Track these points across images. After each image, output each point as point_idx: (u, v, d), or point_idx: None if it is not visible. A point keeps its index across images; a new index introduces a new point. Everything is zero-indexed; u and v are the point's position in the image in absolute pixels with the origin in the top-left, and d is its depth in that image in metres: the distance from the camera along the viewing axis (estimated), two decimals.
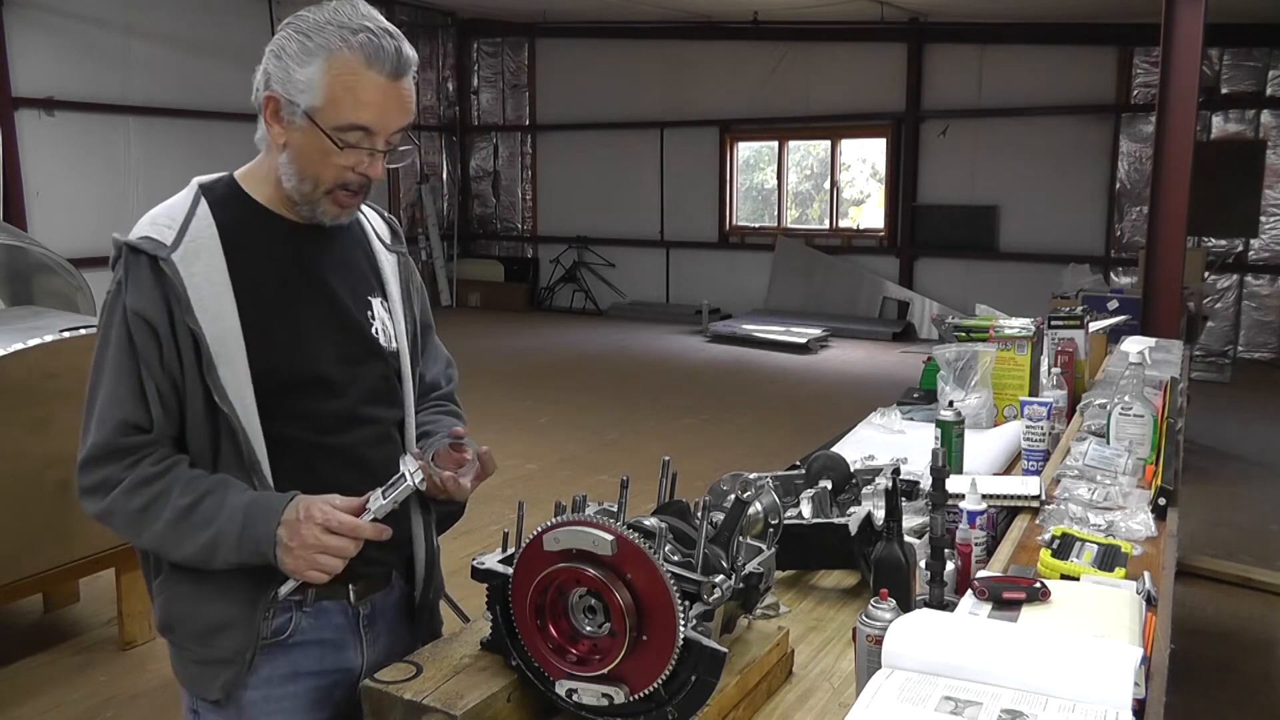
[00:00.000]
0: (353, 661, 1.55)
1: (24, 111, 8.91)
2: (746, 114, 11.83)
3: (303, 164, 1.44)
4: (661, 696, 1.24)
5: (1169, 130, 5.02)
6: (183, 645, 1.49)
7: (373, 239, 1.64)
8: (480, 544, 4.35)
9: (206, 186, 1.50)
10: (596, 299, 12.88)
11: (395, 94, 1.42)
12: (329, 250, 1.55)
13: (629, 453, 6.38)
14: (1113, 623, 1.32)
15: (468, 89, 13.75)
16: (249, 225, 1.48)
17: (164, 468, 1.41)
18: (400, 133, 1.46)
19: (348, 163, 1.43)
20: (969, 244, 10.80)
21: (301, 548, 1.36)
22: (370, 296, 1.59)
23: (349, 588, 1.54)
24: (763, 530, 1.56)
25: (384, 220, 1.70)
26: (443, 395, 1.79)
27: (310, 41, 1.39)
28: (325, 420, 1.50)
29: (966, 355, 2.72)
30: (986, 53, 10.51)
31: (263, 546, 1.38)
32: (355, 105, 1.39)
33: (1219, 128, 9.57)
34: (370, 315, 1.57)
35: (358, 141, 1.42)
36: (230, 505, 1.39)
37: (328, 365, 1.50)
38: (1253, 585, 4.32)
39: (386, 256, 1.65)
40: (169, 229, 1.43)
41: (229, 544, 1.39)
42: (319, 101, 1.39)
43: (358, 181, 1.46)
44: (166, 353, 1.40)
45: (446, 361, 1.83)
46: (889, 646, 1.19)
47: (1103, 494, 2.00)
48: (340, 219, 1.51)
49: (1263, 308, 9.62)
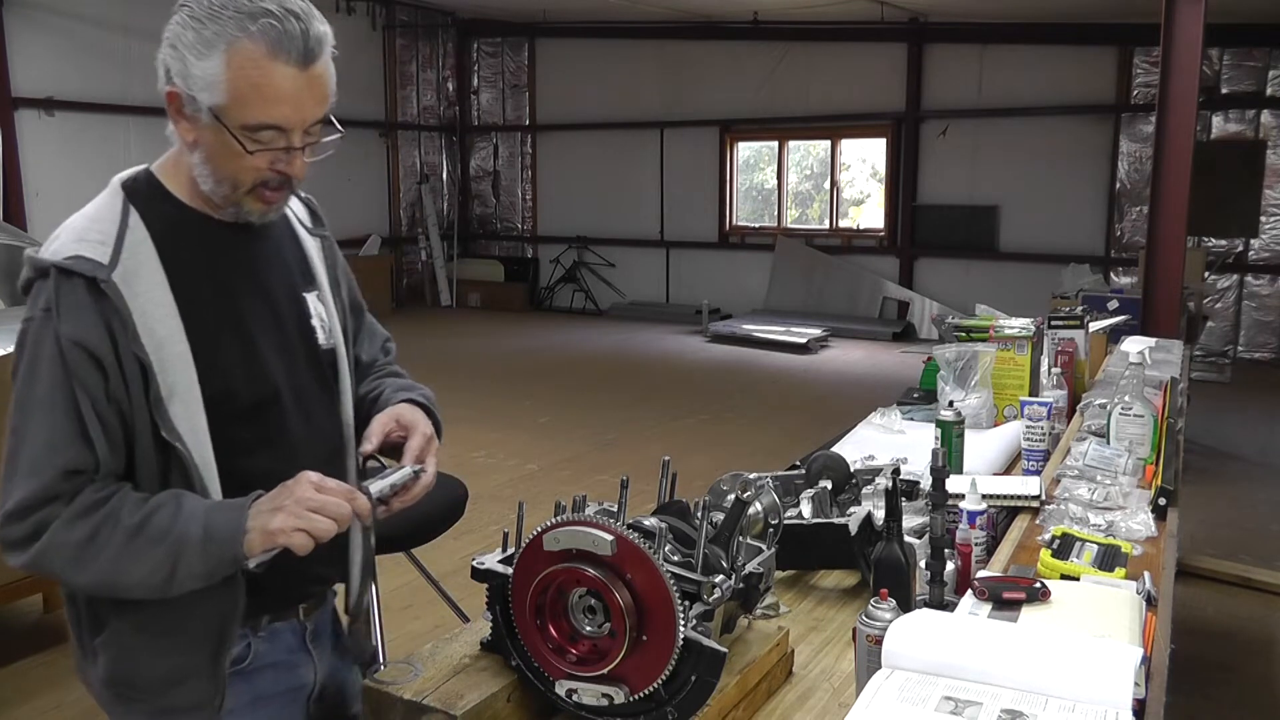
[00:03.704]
0: (306, 679, 1.53)
1: (24, 111, 8.92)
2: (746, 114, 11.83)
3: (216, 165, 1.32)
4: (661, 696, 1.24)
5: (1169, 130, 5.01)
6: (134, 698, 1.38)
7: (295, 226, 1.54)
8: (480, 544, 4.36)
9: (130, 189, 1.36)
10: (596, 299, 12.87)
11: (307, 83, 1.30)
12: (262, 249, 1.45)
13: (629, 453, 6.38)
14: (1113, 623, 1.32)
15: (468, 89, 13.75)
16: (181, 232, 1.36)
17: (109, 493, 1.27)
18: (320, 123, 1.35)
19: (263, 163, 1.31)
20: (969, 244, 10.80)
21: (294, 502, 1.26)
22: (305, 292, 1.50)
23: (300, 607, 1.51)
24: (763, 530, 1.56)
25: (302, 202, 1.58)
26: (384, 364, 1.71)
27: (206, 30, 1.25)
28: (279, 445, 1.41)
29: (966, 355, 2.72)
30: (986, 53, 10.51)
31: (233, 542, 1.26)
32: (263, 103, 1.27)
33: (1219, 128, 9.57)
34: (308, 313, 1.49)
35: (271, 140, 1.30)
36: (189, 509, 1.27)
37: (279, 378, 1.42)
38: (1253, 585, 4.31)
39: (311, 242, 1.55)
40: (102, 245, 1.28)
41: (192, 550, 1.25)
42: (223, 99, 1.26)
43: (278, 180, 1.35)
44: (113, 384, 1.26)
45: (385, 337, 1.75)
46: (889, 646, 1.19)
47: (1103, 494, 2.00)
48: (269, 215, 1.40)
49: (1263, 308, 9.62)
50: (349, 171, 12.09)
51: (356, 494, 1.31)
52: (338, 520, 1.28)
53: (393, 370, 1.69)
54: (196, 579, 1.29)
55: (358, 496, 1.31)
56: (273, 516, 1.26)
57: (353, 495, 1.30)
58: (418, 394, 1.57)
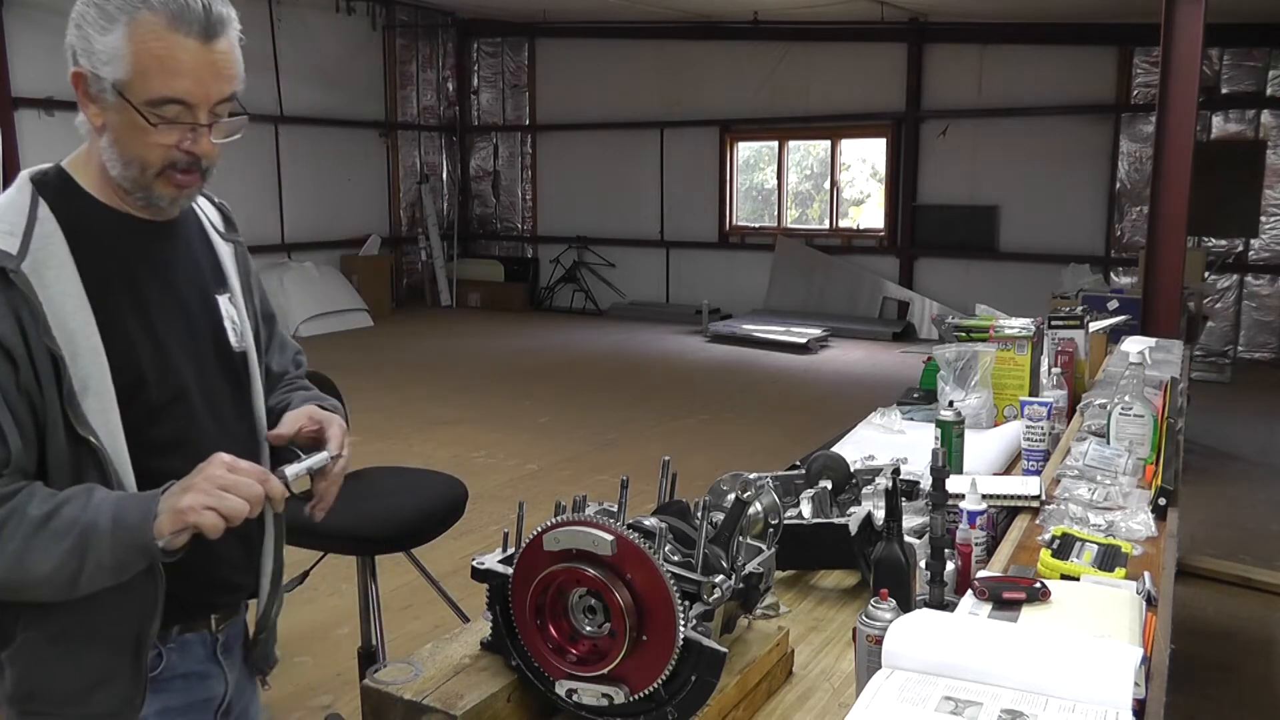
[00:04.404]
0: (216, 691, 1.52)
1: (24, 111, 8.92)
2: (746, 114, 11.83)
3: (123, 146, 1.31)
4: (661, 696, 1.23)
5: (1169, 130, 5.01)
6: (46, 713, 1.34)
7: (208, 229, 1.53)
8: (480, 544, 4.36)
9: (39, 181, 1.37)
10: (596, 299, 12.87)
11: (209, 59, 1.29)
12: (174, 247, 1.45)
13: (629, 453, 6.38)
14: (1113, 623, 1.32)
15: (468, 89, 13.75)
16: (91, 224, 1.35)
17: (16, 488, 1.24)
18: (226, 102, 1.33)
19: (169, 140, 1.30)
20: (969, 244, 10.80)
21: (205, 480, 1.24)
22: (217, 294, 1.49)
23: (211, 618, 1.49)
24: (763, 530, 1.56)
25: (215, 207, 1.57)
26: (293, 378, 1.69)
27: (109, 4, 1.26)
28: (190, 446, 1.37)
29: (966, 355, 2.72)
30: (986, 53, 10.51)
31: (142, 528, 1.23)
32: (165, 75, 1.27)
33: (1219, 128, 9.57)
34: (220, 314, 1.48)
35: (176, 116, 1.29)
36: (99, 499, 1.25)
37: (189, 378, 1.41)
38: (1253, 585, 4.31)
39: (224, 248, 1.53)
40: (11, 235, 1.28)
41: (100, 540, 1.22)
42: (126, 74, 1.27)
43: (186, 160, 1.33)
44: (23, 376, 1.24)
45: (295, 349, 1.73)
46: (889, 646, 1.19)
47: (1103, 494, 2.00)
48: (181, 202, 1.39)
49: (1263, 308, 9.62)
50: (349, 171, 12.11)
51: (270, 476, 1.30)
52: (250, 501, 1.25)
53: (302, 384, 1.67)
54: (106, 572, 1.25)
55: (270, 479, 1.29)
56: (182, 496, 1.24)
57: (265, 477, 1.29)
58: (328, 404, 1.56)
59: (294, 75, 11.07)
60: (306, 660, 3.58)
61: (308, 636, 3.74)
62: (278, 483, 1.30)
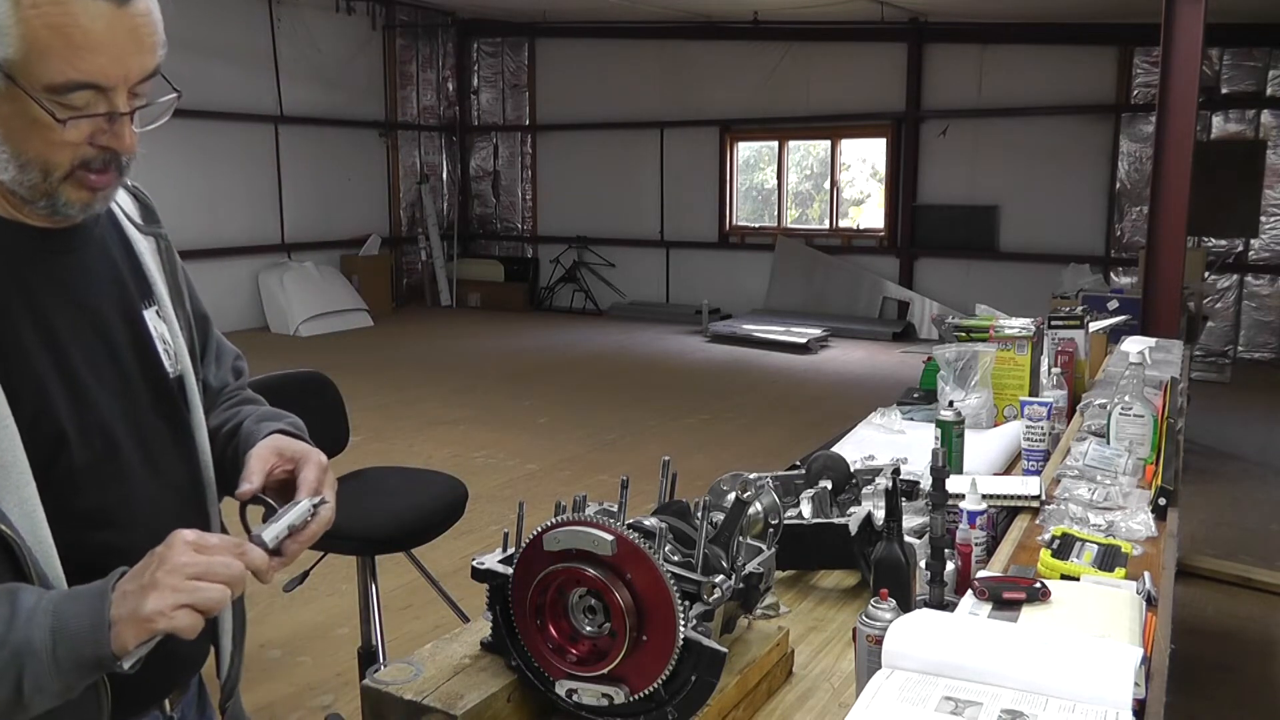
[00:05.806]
0: None
1: None
2: (746, 114, 11.83)
3: (18, 146, 1.00)
4: (661, 696, 1.23)
5: (1169, 130, 5.01)
6: None
7: (124, 224, 1.23)
8: (480, 544, 4.36)
9: None
10: (596, 299, 12.87)
11: (127, 26, 1.00)
12: (85, 258, 1.15)
13: (629, 453, 6.38)
14: (1113, 623, 1.32)
15: (468, 89, 13.75)
16: None
17: None
18: (148, 79, 1.04)
19: (79, 137, 1.01)
20: (969, 244, 10.80)
21: (170, 573, 0.96)
22: (143, 308, 1.21)
23: (165, 701, 1.24)
24: (763, 530, 1.56)
25: (129, 193, 1.26)
26: (234, 390, 1.42)
27: None
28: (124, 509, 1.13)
29: (966, 355, 2.72)
30: (986, 53, 10.51)
31: (94, 641, 0.94)
32: (70, 52, 0.96)
33: (1219, 128, 9.57)
34: (148, 335, 1.20)
35: (88, 105, 1.00)
36: (25, 610, 0.95)
37: (118, 427, 1.14)
38: (1253, 585, 4.31)
39: (144, 244, 1.24)
40: None
41: (39, 663, 0.93)
42: (16, 52, 0.95)
43: (101, 157, 1.04)
44: None
45: (234, 355, 1.45)
46: (889, 646, 1.19)
47: (1103, 494, 2.00)
48: (95, 206, 1.10)
49: (1263, 308, 9.62)
50: (349, 171, 12.12)
51: (246, 546, 1.03)
52: (230, 584, 0.99)
53: (247, 396, 1.40)
54: (51, 697, 0.97)
55: (248, 550, 1.03)
56: (144, 598, 0.95)
57: (241, 549, 1.02)
58: (286, 422, 1.30)
59: (294, 75, 11.08)
60: (306, 660, 3.58)
61: (308, 636, 3.74)
62: (258, 553, 1.04)
